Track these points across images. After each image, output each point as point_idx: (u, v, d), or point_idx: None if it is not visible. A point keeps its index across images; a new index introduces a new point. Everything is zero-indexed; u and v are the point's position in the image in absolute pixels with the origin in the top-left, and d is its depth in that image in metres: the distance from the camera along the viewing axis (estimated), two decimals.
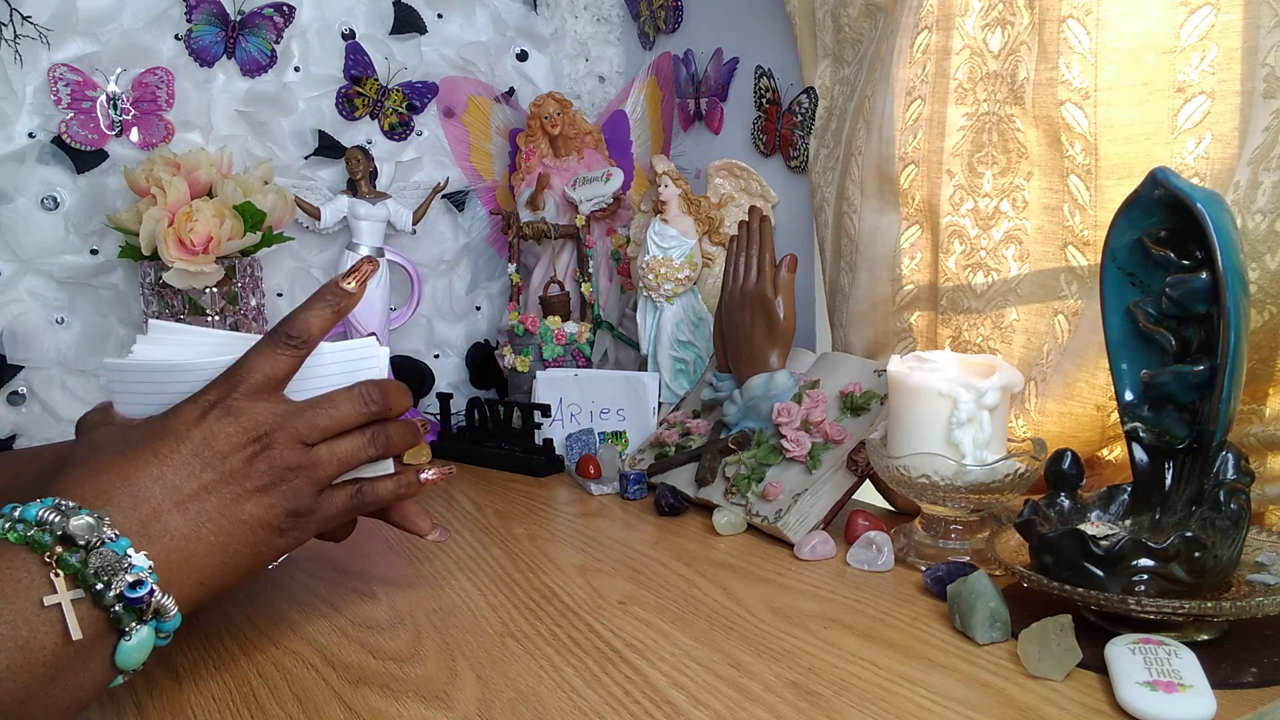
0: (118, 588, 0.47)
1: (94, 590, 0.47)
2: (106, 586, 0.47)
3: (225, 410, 0.56)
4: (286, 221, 1.11)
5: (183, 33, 1.13)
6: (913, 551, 0.72)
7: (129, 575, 0.47)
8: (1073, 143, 0.72)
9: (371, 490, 0.62)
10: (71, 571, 0.46)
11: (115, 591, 0.47)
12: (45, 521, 0.47)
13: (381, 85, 1.24)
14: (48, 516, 0.47)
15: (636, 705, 0.52)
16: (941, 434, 0.68)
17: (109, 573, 0.47)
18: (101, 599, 0.47)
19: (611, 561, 0.75)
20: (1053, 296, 0.76)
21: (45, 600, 0.45)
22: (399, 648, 0.61)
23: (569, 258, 1.22)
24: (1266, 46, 0.62)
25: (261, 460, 0.56)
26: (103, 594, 0.47)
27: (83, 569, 0.46)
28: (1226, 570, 0.55)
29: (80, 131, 1.08)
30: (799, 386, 0.86)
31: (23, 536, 0.46)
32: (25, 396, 1.09)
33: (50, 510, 0.48)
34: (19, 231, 1.06)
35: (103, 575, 0.47)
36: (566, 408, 1.07)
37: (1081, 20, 0.69)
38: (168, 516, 0.52)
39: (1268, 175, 0.61)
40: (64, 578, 0.46)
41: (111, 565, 0.47)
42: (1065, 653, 0.52)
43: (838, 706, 0.51)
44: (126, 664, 0.48)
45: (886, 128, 0.84)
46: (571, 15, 1.37)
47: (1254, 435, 0.66)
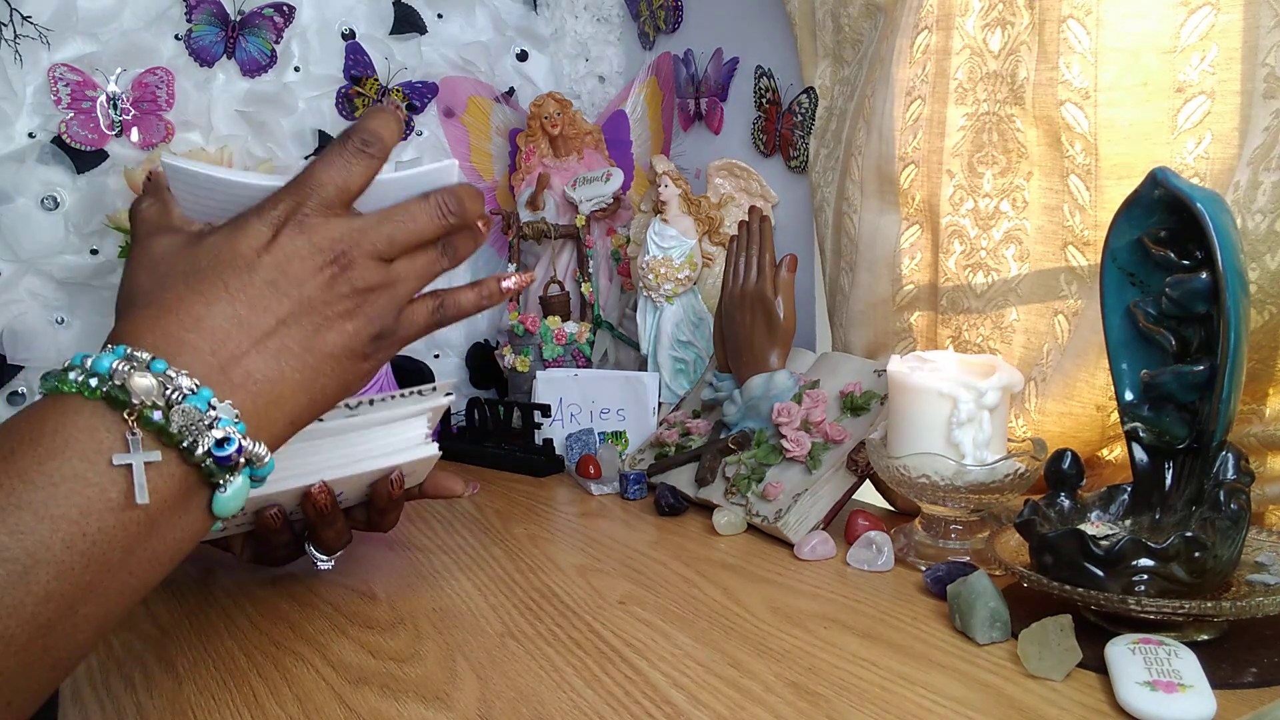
0: (205, 445, 0.44)
1: (180, 448, 0.44)
2: (194, 444, 0.44)
3: (298, 228, 0.51)
4: None
5: (183, 33, 1.13)
6: (913, 551, 0.72)
7: (215, 431, 0.45)
8: (1073, 143, 0.72)
9: (454, 303, 0.58)
10: (153, 429, 0.44)
11: (203, 449, 0.45)
12: (120, 374, 0.44)
13: (381, 85, 1.24)
14: (121, 369, 0.44)
15: (636, 705, 0.52)
16: (941, 434, 0.68)
17: (194, 430, 0.44)
18: (190, 456, 0.44)
19: (611, 561, 0.75)
20: (1053, 296, 0.76)
21: (115, 459, 0.43)
22: (399, 648, 0.61)
23: (569, 258, 1.22)
24: (1266, 46, 0.62)
25: (341, 283, 0.51)
26: (191, 450, 0.44)
27: (165, 426, 0.44)
28: (1226, 570, 0.55)
29: (80, 131, 1.08)
30: (799, 386, 0.86)
31: (98, 391, 0.43)
32: (25, 396, 1.09)
33: (123, 361, 0.44)
34: (19, 231, 1.06)
35: (188, 433, 0.44)
36: (566, 408, 1.07)
37: (1081, 20, 0.69)
38: (248, 359, 0.48)
39: (1268, 175, 0.61)
40: (144, 435, 0.43)
41: (195, 421, 0.44)
42: (1065, 653, 0.52)
43: (838, 706, 0.51)
44: (224, 512, 0.47)
45: (886, 128, 0.84)
46: (571, 15, 1.37)
47: (1254, 435, 0.66)
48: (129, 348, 0.45)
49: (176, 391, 0.44)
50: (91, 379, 0.44)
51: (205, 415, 0.45)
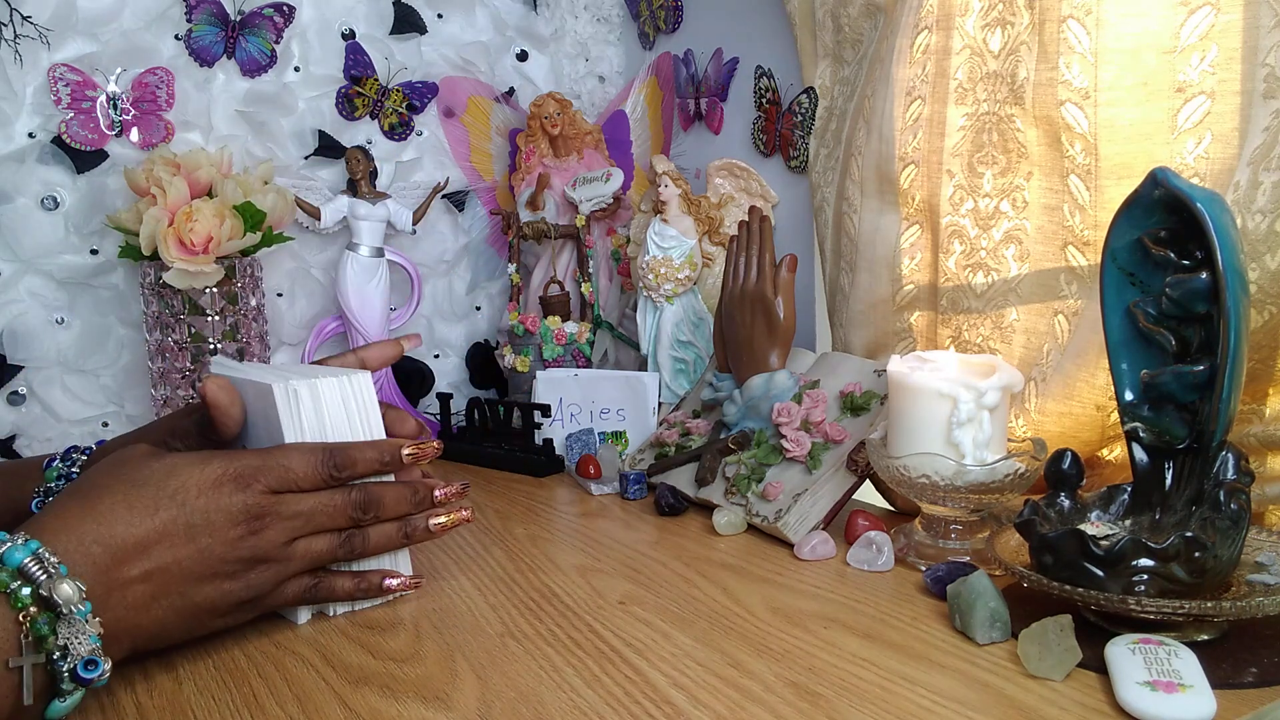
0: (73, 663, 0.47)
1: (51, 659, 0.47)
2: (63, 659, 0.47)
3: (241, 485, 0.57)
4: (286, 221, 1.11)
5: (183, 33, 1.13)
6: (913, 551, 0.72)
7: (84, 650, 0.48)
8: (1073, 143, 0.72)
9: (328, 587, 0.63)
10: (39, 636, 0.47)
11: (69, 667, 0.47)
12: (29, 575, 0.47)
13: (381, 85, 1.24)
14: (32, 569, 0.47)
15: (636, 705, 0.52)
16: (941, 434, 0.68)
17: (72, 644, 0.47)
18: (55, 668, 0.47)
19: (611, 561, 0.75)
20: (1053, 296, 0.76)
21: (10, 662, 0.46)
22: (399, 648, 0.61)
23: (569, 258, 1.22)
24: (1266, 46, 0.62)
25: (244, 545, 0.57)
26: (58, 664, 0.47)
27: (50, 638, 0.47)
28: (1226, 570, 0.55)
29: (80, 131, 1.08)
30: (799, 386, 0.86)
31: (5, 587, 0.47)
32: (25, 396, 1.09)
33: (34, 561, 0.48)
34: (19, 231, 1.06)
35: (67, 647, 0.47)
36: (566, 408, 1.07)
37: (1081, 20, 0.70)
38: (134, 586, 0.52)
39: (1268, 175, 0.61)
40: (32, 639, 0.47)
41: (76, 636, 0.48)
42: (1065, 653, 0.52)
43: (838, 706, 0.51)
44: (55, 717, 0.49)
45: (886, 128, 0.84)
46: (571, 15, 1.37)
47: (1254, 435, 0.66)
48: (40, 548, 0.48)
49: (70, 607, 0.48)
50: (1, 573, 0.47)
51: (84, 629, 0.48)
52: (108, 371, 1.13)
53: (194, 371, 1.06)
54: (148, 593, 0.53)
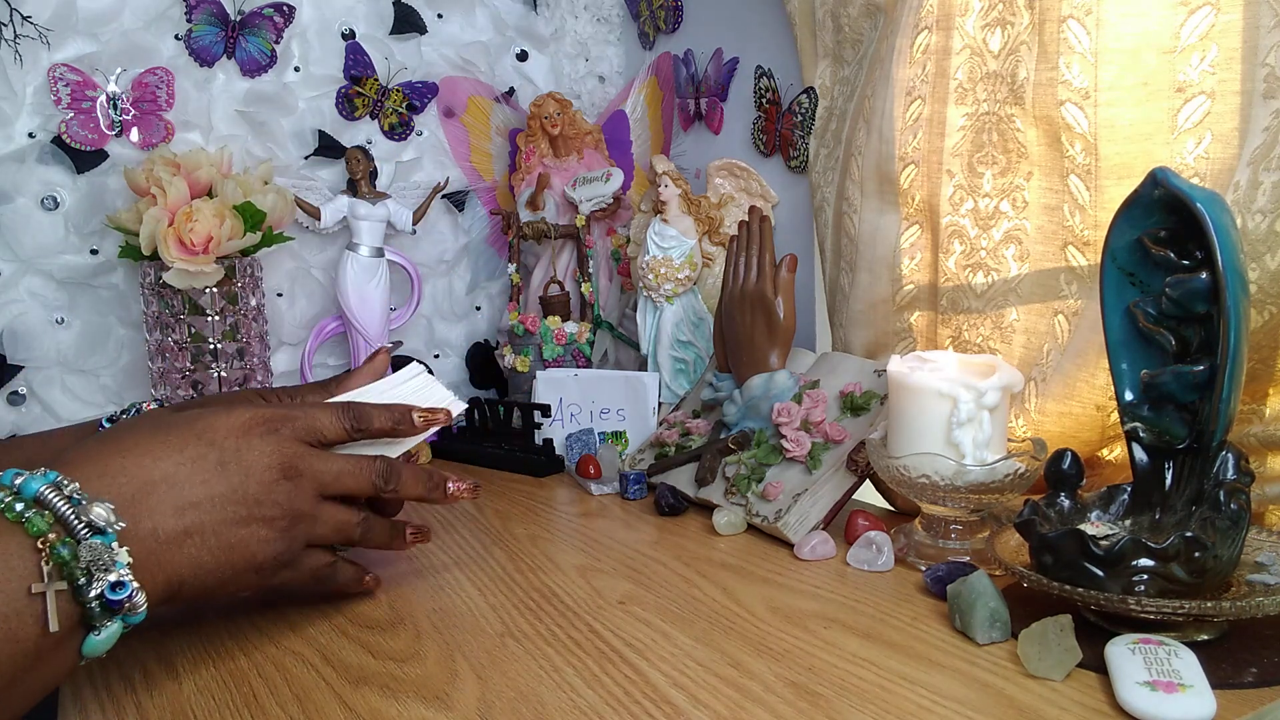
0: (99, 587, 0.46)
1: (76, 585, 0.46)
2: (88, 583, 0.46)
3: (270, 429, 0.56)
4: (286, 221, 1.11)
5: (183, 33, 1.13)
6: (913, 551, 0.72)
7: (110, 574, 0.47)
8: (1073, 143, 0.72)
9: (340, 570, 0.64)
10: (60, 562, 0.45)
11: (96, 591, 0.46)
12: (45, 501, 0.46)
13: (381, 85, 1.24)
14: (48, 496, 0.46)
15: (636, 705, 0.52)
16: (941, 434, 0.68)
17: (96, 568, 0.46)
18: (82, 594, 0.46)
19: (611, 561, 0.75)
20: (1053, 296, 0.76)
21: (33, 588, 0.45)
22: (399, 648, 0.61)
23: (569, 258, 1.22)
24: (1266, 46, 0.62)
25: (279, 490, 0.56)
26: (84, 589, 0.46)
27: (71, 562, 0.46)
28: (1226, 570, 0.55)
29: (80, 131, 1.08)
30: (799, 386, 0.86)
31: (19, 516, 0.45)
32: (25, 396, 1.09)
33: (50, 489, 0.46)
34: (19, 231, 1.06)
35: (90, 570, 0.46)
36: (566, 408, 1.07)
37: (1081, 20, 0.69)
38: (161, 516, 0.51)
39: (1268, 175, 0.61)
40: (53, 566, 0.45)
41: (100, 560, 0.46)
42: (1065, 653, 0.52)
43: (838, 706, 0.51)
44: (93, 654, 0.48)
45: (886, 128, 0.84)
46: (571, 15, 1.37)
47: (1254, 435, 0.66)
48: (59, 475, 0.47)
49: (86, 527, 0.46)
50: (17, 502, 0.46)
51: (107, 553, 0.47)
52: (108, 371, 1.13)
53: (194, 371, 1.06)
54: (180, 528, 0.52)
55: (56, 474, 0.48)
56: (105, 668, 0.60)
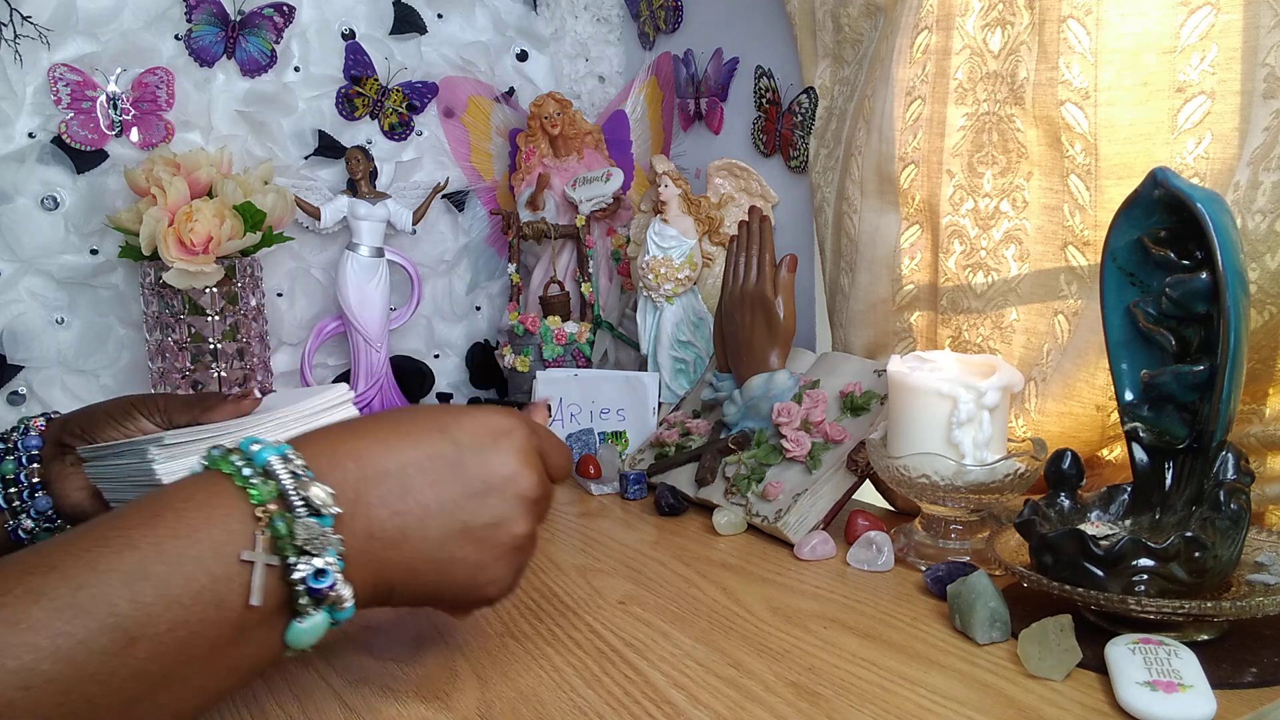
0: (303, 571, 0.44)
1: (286, 562, 0.43)
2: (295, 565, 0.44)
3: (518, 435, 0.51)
4: (286, 221, 1.11)
5: (183, 33, 1.13)
6: (913, 551, 0.72)
7: (318, 559, 0.44)
8: (1073, 143, 0.72)
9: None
10: (275, 535, 0.43)
11: (300, 574, 0.44)
12: (271, 472, 0.44)
13: (381, 85, 1.24)
14: (275, 467, 0.44)
15: (636, 705, 0.52)
16: (941, 434, 0.68)
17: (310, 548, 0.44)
18: (288, 575, 0.44)
19: (611, 561, 0.75)
20: (1053, 296, 0.76)
21: (243, 555, 0.42)
22: (399, 648, 0.61)
23: (569, 258, 1.22)
24: (1266, 46, 0.62)
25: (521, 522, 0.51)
26: (290, 570, 0.44)
27: (286, 538, 0.43)
28: (1226, 570, 0.55)
29: (80, 131, 1.08)
30: (799, 386, 0.86)
31: (246, 481, 0.44)
32: (25, 396, 1.09)
33: (279, 460, 0.45)
34: (19, 231, 1.06)
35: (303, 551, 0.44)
36: (566, 408, 1.07)
37: (1081, 20, 0.69)
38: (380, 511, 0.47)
39: (1268, 175, 0.61)
40: (268, 539, 0.43)
41: (314, 541, 0.44)
42: (1065, 653, 0.52)
43: (838, 706, 0.51)
44: (296, 644, 0.45)
45: (886, 128, 0.84)
46: (571, 15, 1.37)
47: (1254, 435, 0.66)
48: (288, 449, 0.46)
49: (301, 504, 0.44)
50: (247, 468, 0.44)
51: (324, 535, 0.44)
52: (108, 371, 1.13)
53: (194, 371, 1.06)
54: (399, 525, 0.48)
55: (288, 447, 0.46)
56: None
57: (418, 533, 0.48)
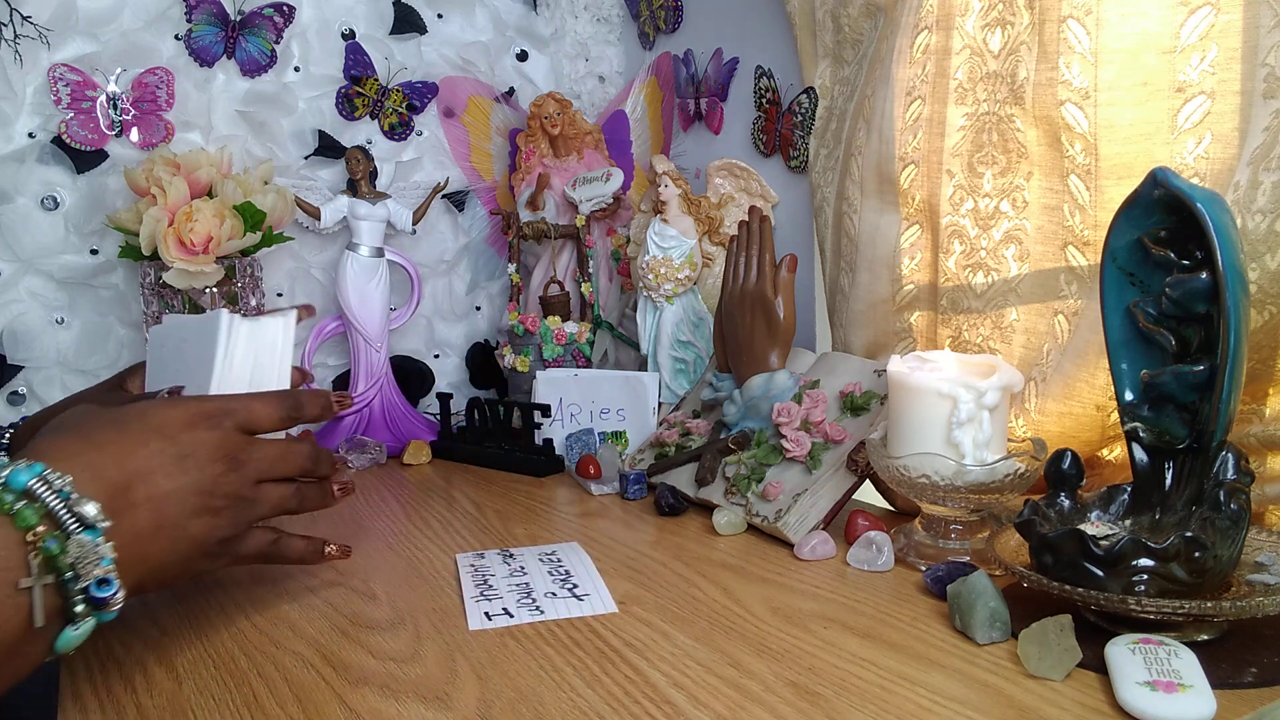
0: (85, 582, 0.47)
1: (63, 579, 0.46)
2: (75, 578, 0.47)
3: (214, 425, 0.59)
4: (286, 221, 1.11)
5: (183, 33, 1.13)
6: (913, 551, 0.72)
7: (97, 569, 0.47)
8: (1073, 143, 0.72)
9: (286, 545, 0.66)
10: (48, 556, 0.46)
11: (82, 585, 0.47)
12: (34, 495, 0.46)
13: (381, 85, 1.24)
14: (37, 489, 0.46)
15: (636, 705, 0.52)
16: (941, 434, 0.68)
17: (83, 564, 0.47)
18: (68, 589, 0.46)
19: (611, 561, 0.75)
20: (1053, 296, 0.76)
21: (21, 583, 0.45)
22: (399, 648, 0.61)
23: (569, 258, 1.22)
24: (1266, 46, 0.62)
25: (224, 482, 0.58)
26: (70, 584, 0.46)
27: (60, 556, 0.46)
28: (1226, 570, 0.55)
29: (80, 131, 1.08)
30: (799, 386, 0.86)
31: (10, 507, 0.46)
32: (25, 396, 1.09)
33: (39, 482, 0.47)
34: (19, 231, 1.06)
35: (77, 566, 0.46)
36: (566, 408, 1.07)
37: (1081, 20, 0.69)
38: (139, 511, 0.52)
39: (1268, 175, 0.61)
40: (41, 560, 0.45)
41: (87, 556, 0.47)
42: (1065, 653, 0.52)
43: (838, 706, 0.51)
44: (65, 649, 0.48)
45: (886, 128, 0.84)
46: (571, 15, 1.37)
47: (1254, 435, 0.66)
48: (46, 468, 0.48)
49: (77, 522, 0.47)
50: (6, 494, 0.46)
51: (95, 549, 0.47)
52: (108, 371, 1.12)
53: None
54: (152, 522, 0.53)
55: (43, 466, 0.48)
56: (105, 668, 0.60)
57: (167, 523, 0.54)
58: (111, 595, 0.48)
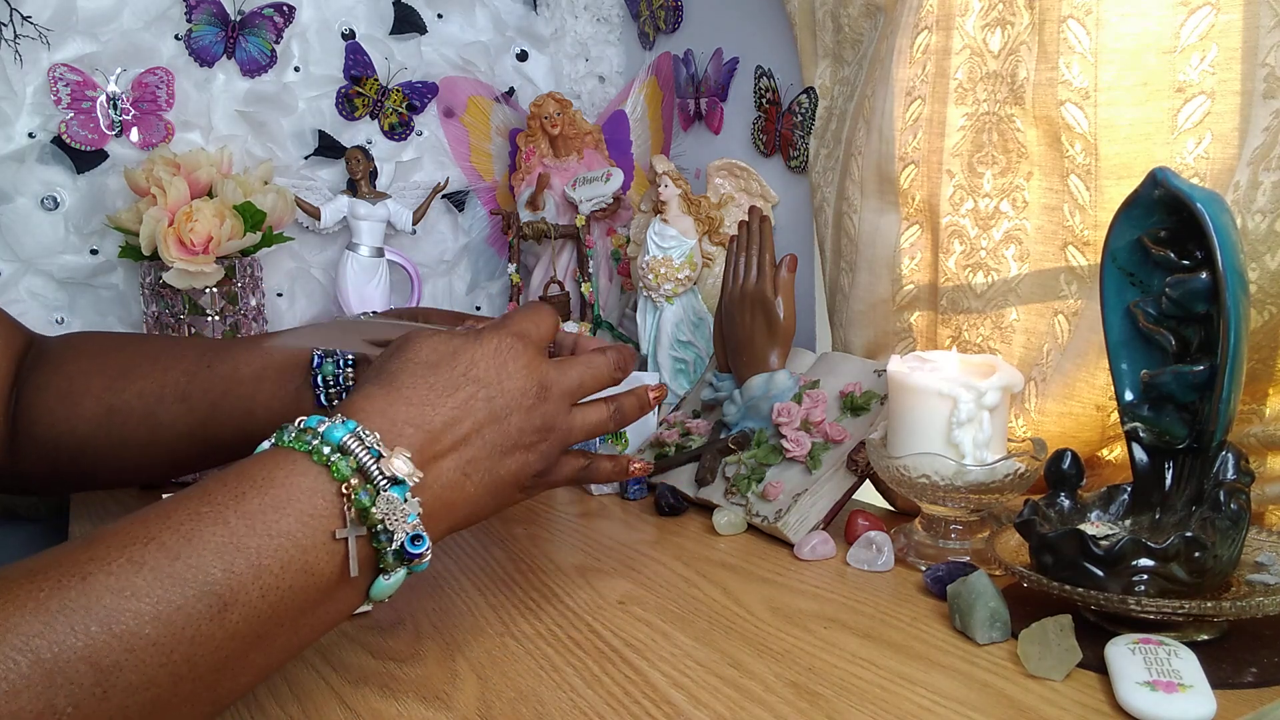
0: (399, 539, 0.48)
1: (375, 532, 0.47)
2: (389, 533, 0.47)
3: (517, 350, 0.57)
4: (286, 221, 1.11)
5: (183, 33, 1.13)
6: (913, 551, 0.72)
7: (407, 525, 0.48)
8: (1073, 143, 0.72)
9: (596, 468, 0.65)
10: (361, 508, 0.47)
11: (396, 542, 0.48)
12: (348, 449, 0.48)
13: (381, 85, 1.24)
14: (351, 444, 0.48)
15: (636, 705, 0.52)
16: (941, 434, 0.68)
17: (392, 519, 0.47)
18: (380, 542, 0.48)
19: (611, 561, 0.75)
20: (1053, 296, 0.76)
21: (337, 533, 0.46)
22: (399, 648, 0.61)
23: (569, 258, 1.22)
24: (1266, 46, 0.62)
25: (536, 415, 0.57)
26: (382, 538, 0.47)
27: (371, 509, 0.47)
28: (1226, 570, 0.55)
29: (80, 131, 1.08)
30: (799, 386, 0.86)
31: (326, 459, 0.47)
32: None
33: (352, 438, 0.48)
34: (19, 231, 1.06)
35: (389, 521, 0.47)
36: None
37: (1081, 20, 0.69)
38: (445, 461, 0.52)
39: (1268, 175, 0.61)
40: (354, 512, 0.47)
41: (397, 511, 0.48)
42: (1065, 653, 0.52)
43: (838, 706, 0.51)
44: (379, 597, 0.50)
45: (886, 128, 0.84)
46: (571, 15, 1.37)
47: (1254, 435, 0.66)
48: (359, 424, 0.49)
49: (385, 479, 0.48)
50: (324, 446, 0.47)
51: (402, 506, 0.48)
52: None
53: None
54: (460, 469, 0.53)
55: (356, 423, 0.49)
56: None
57: (475, 469, 0.54)
58: (423, 551, 0.49)
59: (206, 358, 0.73)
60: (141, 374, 0.73)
